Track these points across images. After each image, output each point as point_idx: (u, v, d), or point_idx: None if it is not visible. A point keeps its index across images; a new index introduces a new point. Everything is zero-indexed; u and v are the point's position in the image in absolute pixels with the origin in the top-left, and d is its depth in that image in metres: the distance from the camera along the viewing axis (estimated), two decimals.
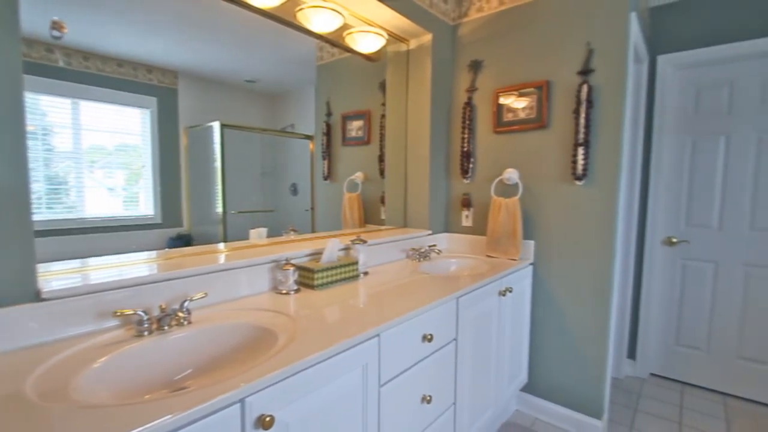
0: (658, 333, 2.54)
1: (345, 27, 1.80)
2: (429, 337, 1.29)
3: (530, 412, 2.12)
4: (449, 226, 2.38)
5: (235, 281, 1.29)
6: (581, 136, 1.83)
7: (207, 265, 1.22)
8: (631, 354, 2.58)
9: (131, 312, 0.97)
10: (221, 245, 1.49)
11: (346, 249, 1.69)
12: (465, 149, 2.24)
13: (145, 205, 1.33)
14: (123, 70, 1.24)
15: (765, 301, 2.21)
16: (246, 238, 1.57)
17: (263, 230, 1.61)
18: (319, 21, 1.61)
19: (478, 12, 2.18)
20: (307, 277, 1.43)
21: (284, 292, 1.36)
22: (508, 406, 2.10)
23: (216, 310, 1.17)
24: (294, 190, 1.75)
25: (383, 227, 2.17)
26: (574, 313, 1.95)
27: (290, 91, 1.72)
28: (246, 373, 0.78)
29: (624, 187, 2.00)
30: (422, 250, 2.01)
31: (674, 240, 2.44)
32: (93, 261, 1.15)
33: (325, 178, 1.89)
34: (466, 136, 2.23)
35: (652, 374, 2.58)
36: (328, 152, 1.88)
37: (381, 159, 2.16)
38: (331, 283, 1.46)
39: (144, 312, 0.98)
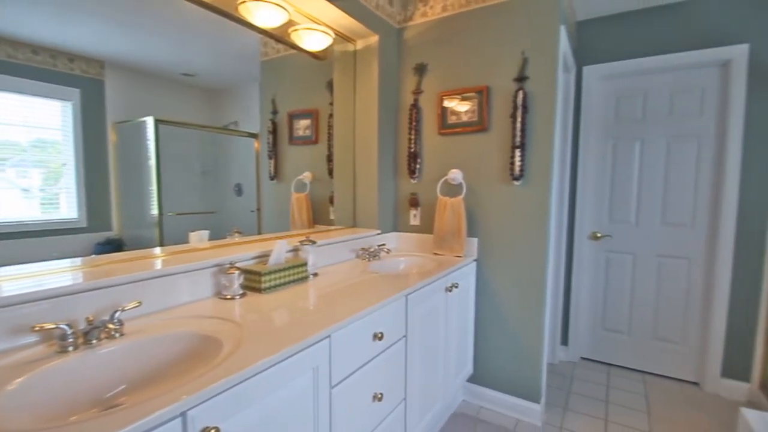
0: (587, 320, 2.78)
1: (290, 23, 1.77)
2: (379, 335, 1.31)
3: (476, 401, 2.22)
4: (398, 225, 2.43)
5: (173, 288, 1.22)
6: (518, 139, 1.95)
7: (141, 271, 1.14)
8: (564, 340, 2.80)
9: (52, 326, 0.87)
10: (157, 250, 1.39)
11: (295, 250, 1.66)
12: (412, 150, 2.29)
13: (67, 208, 1.21)
14: (39, 58, 1.12)
15: (673, 287, 2.51)
16: (185, 241, 1.48)
17: (204, 233, 1.53)
18: (262, 15, 1.56)
19: (423, 17, 2.24)
20: (253, 281, 1.38)
21: (229, 297, 1.30)
22: (455, 397, 2.18)
23: (153, 320, 1.09)
24: (238, 190, 1.68)
25: (333, 227, 2.15)
26: (513, 305, 2.07)
27: (233, 87, 1.64)
28: (187, 385, 0.74)
29: (555, 186, 2.17)
30: (372, 250, 2.02)
31: (599, 235, 2.69)
32: (4, 271, 1.02)
33: (272, 178, 1.84)
34: (412, 137, 2.28)
35: (583, 358, 2.81)
36: (274, 151, 1.83)
37: (329, 159, 2.14)
38: (280, 285, 1.43)
39: (68, 325, 0.89)
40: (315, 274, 1.65)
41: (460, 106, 2.14)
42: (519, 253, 2.04)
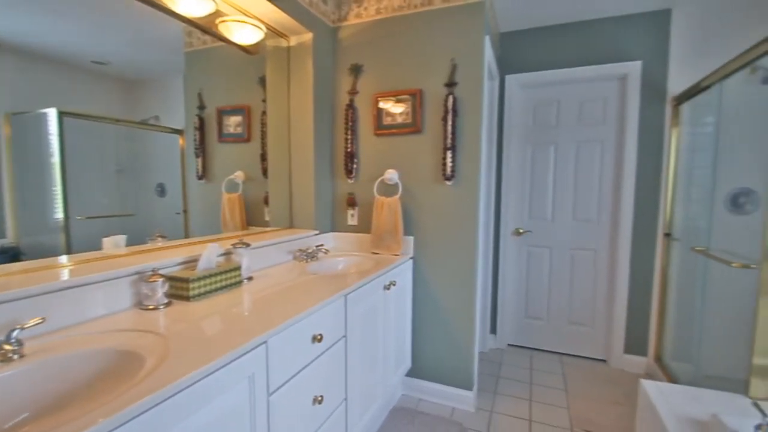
0: (512, 309, 3.01)
1: (218, 14, 1.67)
2: (319, 337, 1.29)
3: (415, 394, 2.29)
4: (335, 225, 2.41)
5: (85, 301, 1.09)
6: (449, 141, 2.05)
7: (44, 283, 1.00)
8: (493, 329, 3.00)
9: None
10: (64, 258, 1.24)
11: (227, 254, 1.58)
12: (349, 150, 2.30)
13: None
14: None
15: (584, 276, 2.81)
16: (99, 248, 1.33)
17: (121, 238, 1.39)
18: (186, 3, 1.46)
19: (357, 18, 2.25)
20: (180, 288, 1.28)
21: (152, 307, 1.20)
22: (395, 393, 2.23)
23: (61, 337, 0.97)
24: (161, 190, 1.55)
25: (268, 229, 2.08)
26: (447, 300, 2.17)
27: (153, 79, 1.51)
28: (105, 407, 0.67)
29: (483, 186, 2.31)
30: (309, 251, 1.99)
31: (521, 231, 2.92)
32: None
33: (200, 178, 1.72)
34: (349, 137, 2.29)
35: (509, 344, 3.04)
36: (202, 149, 1.72)
37: (263, 157, 2.06)
38: (210, 292, 1.35)
39: None
40: (250, 278, 1.58)
41: (395, 108, 2.19)
42: (452, 250, 2.14)
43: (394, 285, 1.95)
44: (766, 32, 1.40)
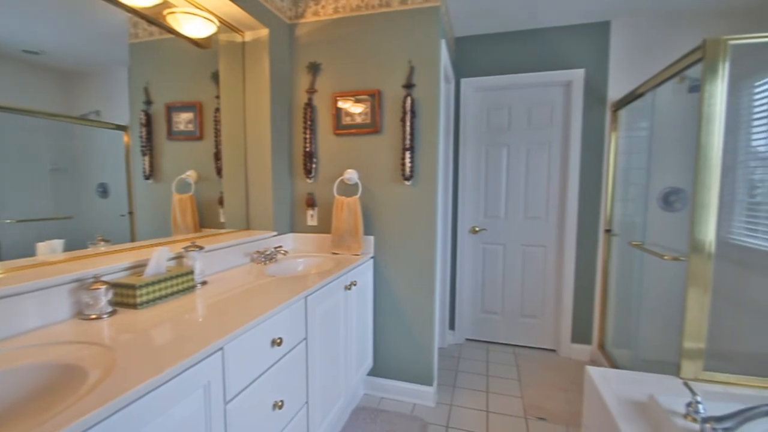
0: (469, 305, 3.11)
1: (166, 4, 1.58)
2: (278, 341, 1.26)
3: (377, 392, 2.30)
4: (295, 226, 2.37)
5: (15, 312, 0.99)
6: (407, 141, 2.08)
7: None
8: (452, 325, 3.09)
9: None
10: None
11: (179, 258, 1.50)
12: (307, 149, 2.26)
13: None
14: None
15: (534, 271, 2.96)
16: (32, 254, 1.21)
17: (58, 242, 1.27)
18: None
19: (315, 15, 2.22)
20: (126, 296, 1.20)
21: (94, 317, 1.11)
22: (357, 392, 2.23)
23: None
24: (103, 191, 1.44)
25: (223, 231, 2.00)
26: (408, 297, 2.20)
27: (93, 71, 1.40)
28: (39, 428, 0.62)
29: (441, 186, 2.37)
30: (268, 252, 1.94)
31: (477, 229, 3.03)
32: None
33: (147, 177, 1.61)
34: (308, 136, 2.25)
35: (467, 339, 3.14)
36: (149, 147, 1.61)
37: (217, 156, 1.98)
38: (160, 298, 1.27)
39: None
40: (204, 283, 1.51)
41: (354, 108, 2.19)
42: (411, 249, 2.17)
43: (355, 285, 1.95)
44: (693, 44, 1.54)
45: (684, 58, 1.65)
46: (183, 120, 1.80)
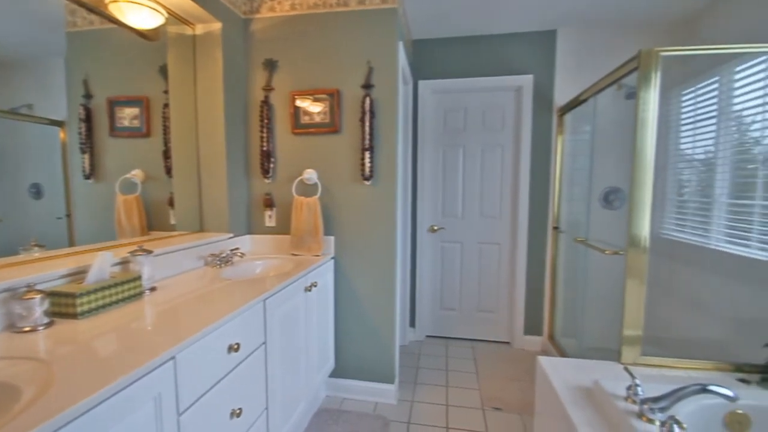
0: (429, 302, 3.18)
1: None
2: (235, 346, 1.22)
3: (339, 394, 2.29)
4: (252, 227, 2.30)
5: None
6: (367, 142, 2.09)
7: None
8: (412, 322, 3.14)
9: None
10: None
11: (124, 263, 1.41)
12: (265, 148, 2.20)
13: None
14: None
15: (490, 268, 3.08)
16: None
17: None
18: None
19: (271, 11, 2.17)
20: (64, 305, 1.11)
21: (27, 329, 1.02)
22: (318, 395, 2.20)
23: None
24: (36, 192, 1.31)
25: (174, 233, 1.89)
26: (369, 297, 2.21)
27: (24, 61, 1.27)
28: None
29: (400, 186, 2.40)
30: (223, 255, 1.87)
31: (435, 228, 3.10)
32: None
33: (87, 177, 1.49)
34: (265, 135, 2.19)
35: (427, 336, 3.20)
36: (89, 144, 1.49)
37: (166, 154, 1.87)
38: (104, 307, 1.19)
39: None
40: (153, 289, 1.43)
41: (313, 107, 2.16)
42: (372, 248, 2.18)
43: (315, 286, 1.93)
44: (630, 54, 1.67)
45: (621, 67, 1.79)
46: (128, 115, 1.69)
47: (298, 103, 2.17)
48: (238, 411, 1.24)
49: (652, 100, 1.56)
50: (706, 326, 2.19)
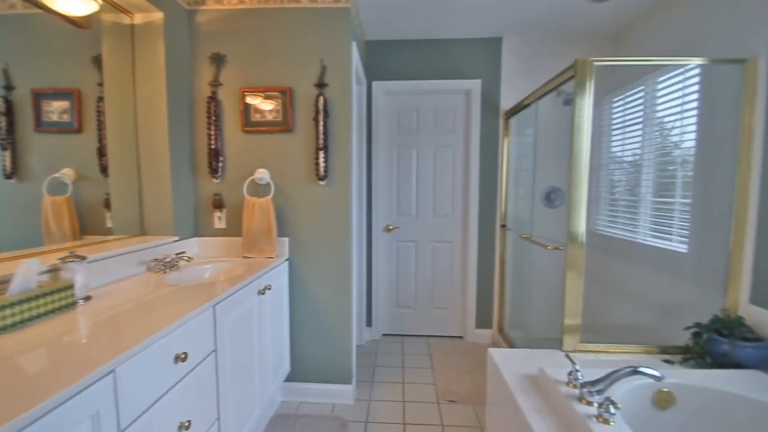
0: (385, 301, 3.21)
1: None
2: (183, 356, 1.16)
3: (295, 398, 2.24)
4: (200, 229, 2.19)
5: None
6: (321, 141, 2.07)
7: None
8: (369, 322, 3.15)
9: None
10: None
11: (54, 270, 1.28)
12: (213, 147, 2.10)
13: None
14: None
15: (443, 265, 3.17)
16: None
17: None
18: None
19: (217, 3, 2.08)
20: None
21: None
22: (274, 400, 2.15)
23: None
24: None
25: (111, 237, 1.75)
26: (325, 298, 2.19)
27: None
28: None
29: (355, 186, 2.41)
30: (168, 260, 1.76)
31: (390, 227, 3.13)
32: None
33: (9, 176, 1.34)
34: (212, 132, 2.10)
35: (384, 334, 3.23)
36: (10, 140, 1.34)
37: (101, 152, 1.72)
38: (30, 319, 1.08)
39: None
40: (88, 298, 1.31)
41: (264, 105, 2.10)
42: (327, 249, 2.16)
43: (269, 289, 1.88)
44: (568, 62, 1.79)
45: (560, 75, 1.92)
46: (56, 109, 1.54)
47: (249, 100, 2.10)
48: (186, 423, 1.18)
49: (587, 106, 1.69)
50: (636, 313, 2.42)
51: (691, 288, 1.94)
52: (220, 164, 2.14)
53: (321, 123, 2.06)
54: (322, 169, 2.08)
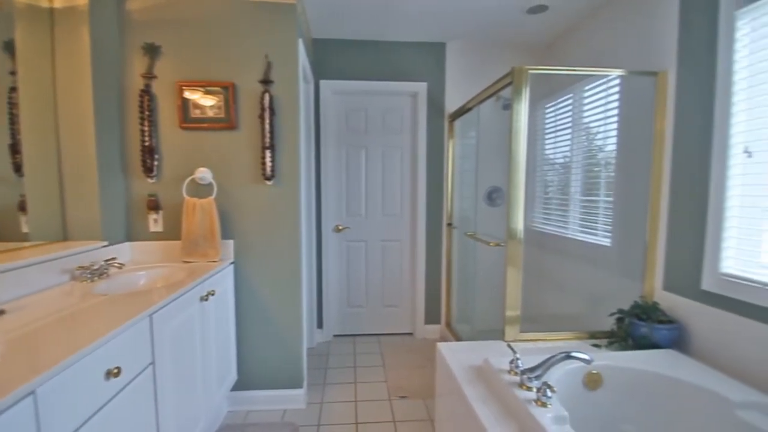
0: (336, 301, 3.19)
1: None
2: (116, 371, 1.07)
3: (243, 407, 2.16)
4: (133, 233, 2.03)
5: None
6: (267, 140, 2.01)
7: None
8: (320, 324, 3.11)
9: None
10: None
11: None
12: (147, 144, 1.96)
13: None
14: None
15: (393, 264, 3.22)
16: None
17: None
18: None
19: None
20: None
21: None
22: (219, 411, 2.05)
23: None
24: None
25: (27, 244, 1.57)
26: (274, 301, 2.13)
27: None
28: None
29: (304, 186, 2.37)
30: (96, 267, 1.61)
31: (340, 227, 3.12)
32: None
33: None
34: (146, 128, 1.95)
35: (335, 335, 3.21)
36: None
37: (14, 149, 1.54)
38: None
39: None
40: (1, 312, 1.17)
41: (205, 100, 2.00)
42: (275, 250, 2.11)
43: (212, 294, 1.79)
44: (509, 68, 1.89)
45: (499, 81, 2.03)
46: None
47: (188, 94, 1.98)
48: None
49: (523, 111, 1.81)
50: (568, 302, 2.62)
51: (615, 278, 2.15)
52: (156, 162, 2.00)
53: (267, 121, 2.00)
54: (268, 169, 2.02)
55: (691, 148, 1.70)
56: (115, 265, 1.73)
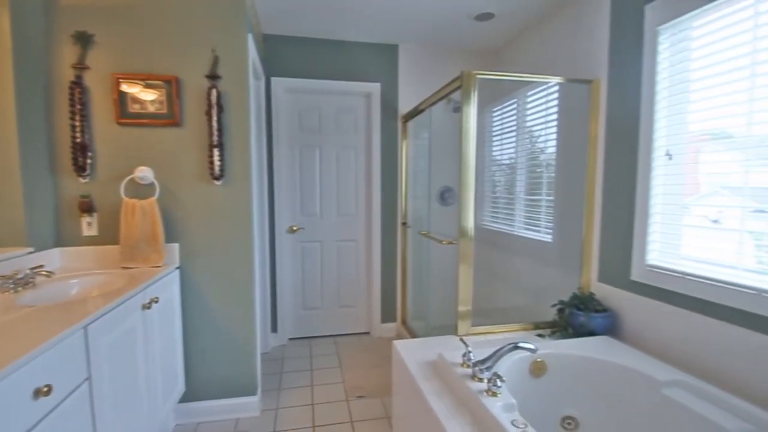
0: (291, 304, 3.13)
1: None
2: (45, 390, 0.98)
3: (192, 419, 2.05)
4: (63, 238, 1.85)
5: None
6: (215, 138, 1.92)
7: None
8: (274, 327, 3.03)
9: None
10: None
11: None
12: (78, 140, 1.80)
13: None
14: None
15: (348, 264, 3.21)
16: None
17: None
18: None
19: None
20: None
21: None
22: (166, 426, 1.93)
23: None
24: None
25: None
26: (224, 307, 2.05)
27: None
28: None
29: (255, 186, 2.29)
30: (20, 276, 1.45)
31: (294, 228, 3.06)
32: None
33: None
34: (78, 123, 1.79)
35: (290, 338, 3.14)
36: None
37: None
38: None
39: None
40: None
41: (145, 94, 1.87)
42: (225, 253, 2.02)
43: (156, 302, 1.68)
44: (459, 72, 1.96)
45: (449, 85, 2.10)
46: None
47: (125, 88, 1.85)
48: None
49: (472, 113, 1.88)
50: (515, 296, 2.77)
51: (556, 271, 2.30)
52: (89, 161, 1.84)
53: (215, 118, 1.91)
54: (217, 168, 1.94)
55: (621, 150, 1.86)
56: (43, 273, 1.57)
